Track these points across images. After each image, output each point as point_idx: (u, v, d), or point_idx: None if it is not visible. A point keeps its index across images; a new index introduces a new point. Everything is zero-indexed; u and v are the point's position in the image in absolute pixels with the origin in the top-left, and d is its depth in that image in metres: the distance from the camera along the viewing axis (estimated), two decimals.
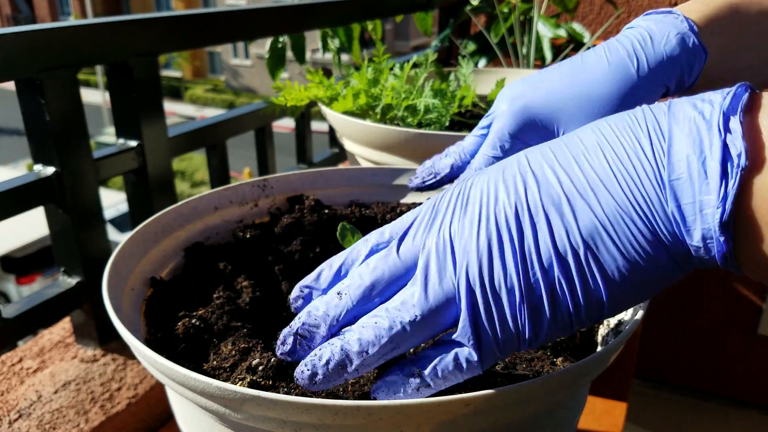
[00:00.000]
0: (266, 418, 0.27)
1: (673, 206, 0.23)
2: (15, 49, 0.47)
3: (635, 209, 0.23)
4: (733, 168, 0.21)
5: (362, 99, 0.61)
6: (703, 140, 0.22)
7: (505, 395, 0.26)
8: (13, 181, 0.50)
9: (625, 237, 0.23)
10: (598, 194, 0.24)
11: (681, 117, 0.23)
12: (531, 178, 0.25)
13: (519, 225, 0.24)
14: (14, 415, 0.51)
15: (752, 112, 0.22)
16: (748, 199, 0.21)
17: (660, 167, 0.23)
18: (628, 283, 0.24)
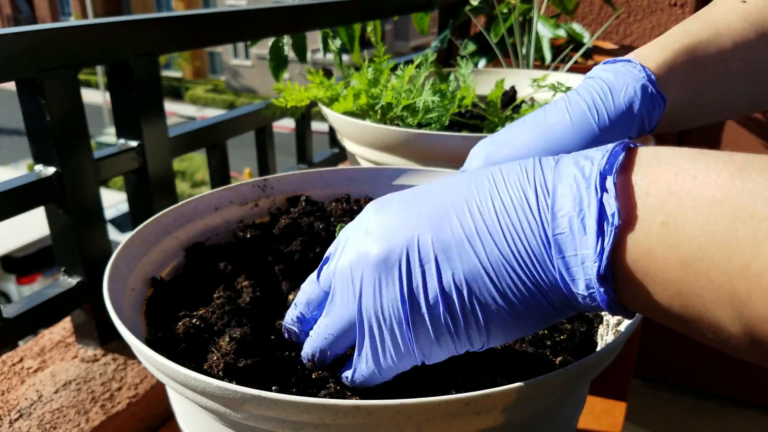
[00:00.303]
0: (266, 418, 0.27)
1: (558, 258, 0.24)
2: (16, 49, 0.47)
3: (517, 260, 0.25)
4: (608, 226, 0.23)
5: (362, 99, 0.61)
6: (582, 199, 0.24)
7: (504, 395, 0.26)
8: (13, 181, 0.51)
9: (506, 284, 0.25)
10: (484, 242, 0.26)
11: (564, 174, 0.25)
12: (426, 224, 0.27)
13: (409, 265, 0.27)
14: (15, 414, 0.51)
15: (627, 171, 0.24)
16: (623, 254, 0.23)
17: (545, 222, 0.24)
18: (508, 322, 0.26)
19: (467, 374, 0.33)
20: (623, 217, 0.23)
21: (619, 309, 0.24)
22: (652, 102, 0.39)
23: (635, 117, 0.39)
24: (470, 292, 0.26)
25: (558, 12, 1.06)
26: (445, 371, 0.33)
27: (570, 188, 0.24)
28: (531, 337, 0.37)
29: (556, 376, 0.27)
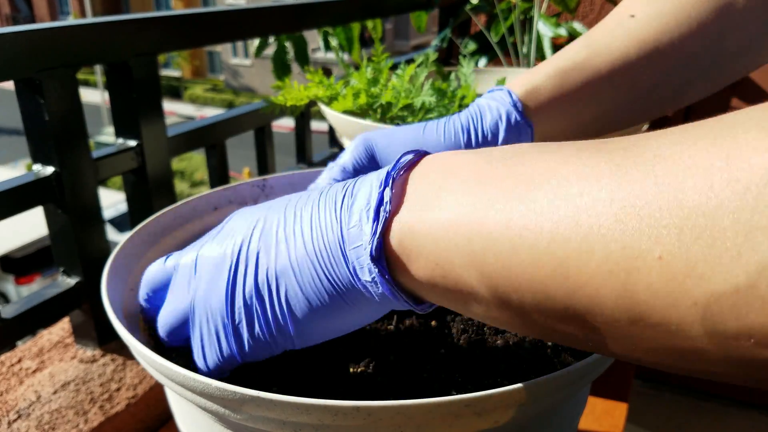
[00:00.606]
0: (266, 419, 0.27)
1: (349, 251, 0.26)
2: (14, 48, 0.47)
3: (318, 257, 0.27)
4: (383, 212, 0.25)
5: (362, 98, 0.61)
6: (372, 194, 0.26)
7: (505, 396, 0.26)
8: (12, 181, 0.50)
9: (307, 280, 0.27)
10: (296, 242, 0.28)
11: (369, 178, 0.28)
12: (259, 226, 0.30)
13: (237, 263, 0.29)
14: (13, 415, 0.50)
15: (413, 167, 0.27)
16: (389, 236, 0.25)
17: (343, 220, 0.27)
18: (312, 320, 0.28)
19: (468, 375, 0.33)
20: (395, 202, 0.25)
21: (398, 291, 0.26)
22: (518, 129, 0.42)
23: (498, 141, 0.42)
24: (278, 288, 0.28)
25: (559, 11, 1.06)
26: (446, 372, 0.33)
27: (367, 188, 0.27)
28: (532, 338, 0.37)
29: (558, 377, 0.27)
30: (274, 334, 0.29)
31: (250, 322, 0.29)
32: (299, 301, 0.28)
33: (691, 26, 0.41)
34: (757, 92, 1.12)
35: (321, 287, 0.27)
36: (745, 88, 1.13)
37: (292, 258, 0.28)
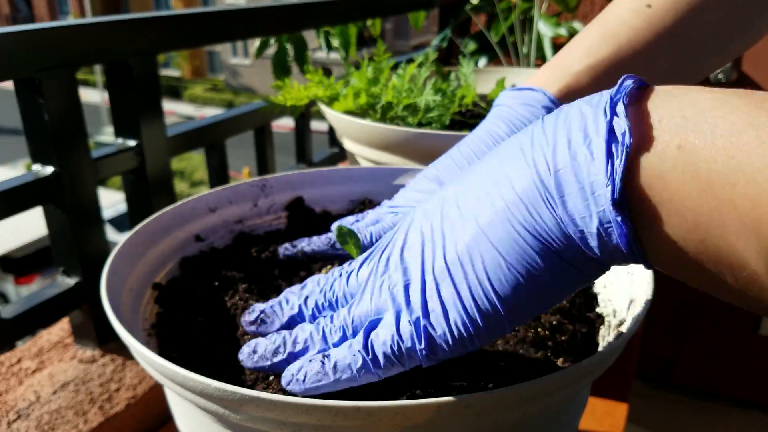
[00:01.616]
0: (265, 419, 0.26)
1: (558, 200, 0.22)
2: (13, 48, 0.46)
3: (514, 213, 0.23)
4: (618, 147, 0.21)
5: (363, 98, 0.61)
6: (588, 126, 0.22)
7: (505, 396, 0.26)
8: (11, 181, 0.50)
9: (508, 241, 0.23)
10: (482, 207, 0.24)
11: (566, 112, 0.23)
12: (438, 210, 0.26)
13: (423, 246, 0.26)
14: (13, 415, 0.50)
15: (639, 100, 0.22)
16: (637, 179, 0.21)
17: (539, 166, 0.22)
18: (522, 288, 0.23)
19: (468, 375, 0.33)
20: (635, 139, 0.21)
21: (637, 249, 0.22)
22: None
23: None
24: (471, 260, 0.24)
25: (559, 10, 1.06)
26: (445, 372, 0.33)
27: (576, 121, 0.22)
28: (532, 338, 0.37)
29: (558, 377, 0.27)
30: (476, 316, 0.24)
31: (443, 310, 0.25)
32: (503, 270, 0.23)
33: (706, 11, 0.41)
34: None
35: (527, 247, 0.23)
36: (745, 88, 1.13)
37: (481, 223, 0.24)
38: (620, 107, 0.21)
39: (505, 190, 0.23)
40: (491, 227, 0.24)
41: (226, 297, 0.40)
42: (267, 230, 0.51)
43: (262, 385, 0.31)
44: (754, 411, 1.27)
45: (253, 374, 0.32)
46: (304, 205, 0.52)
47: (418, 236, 0.26)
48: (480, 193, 0.25)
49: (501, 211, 0.23)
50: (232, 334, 0.36)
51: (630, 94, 0.22)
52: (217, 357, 0.34)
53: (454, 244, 0.25)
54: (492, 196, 0.24)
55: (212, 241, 0.48)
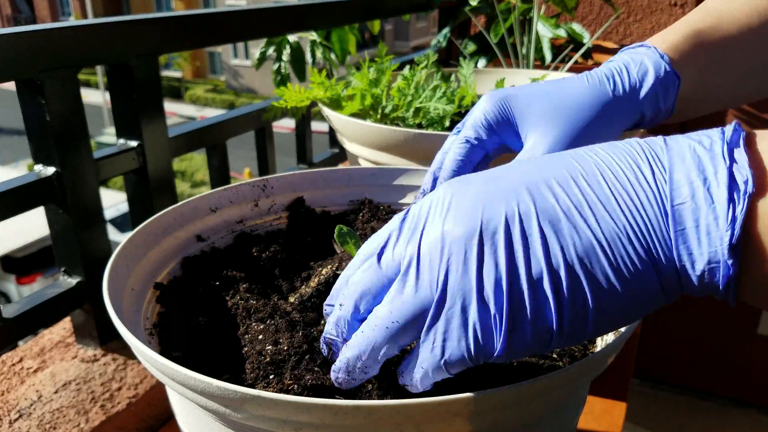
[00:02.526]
0: (266, 418, 0.27)
1: (673, 231, 0.23)
2: (15, 49, 0.47)
3: (634, 231, 0.23)
4: (740, 194, 0.21)
5: (368, 100, 0.61)
6: (706, 168, 0.22)
7: (504, 395, 0.26)
8: (13, 181, 0.51)
9: (621, 258, 0.23)
10: (596, 214, 0.24)
11: (679, 148, 0.24)
12: (525, 193, 0.25)
13: (509, 239, 0.24)
14: (15, 414, 0.51)
15: (751, 145, 0.23)
16: (754, 224, 0.21)
17: (662, 193, 0.23)
18: (615, 305, 0.24)
19: (467, 374, 0.33)
20: (756, 184, 0.21)
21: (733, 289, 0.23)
22: (667, 79, 0.41)
23: (650, 91, 0.40)
24: (583, 268, 0.23)
25: (558, 12, 1.06)
26: None
27: (691, 160, 0.23)
28: None
29: (557, 376, 0.27)
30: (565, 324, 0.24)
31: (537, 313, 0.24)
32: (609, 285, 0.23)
33: None
34: None
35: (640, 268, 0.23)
36: None
37: (597, 233, 0.23)
38: (739, 154, 0.22)
39: (627, 208, 0.23)
40: (610, 242, 0.23)
41: (227, 297, 0.40)
42: (268, 230, 0.51)
43: (263, 384, 0.31)
44: (751, 410, 1.27)
45: (254, 373, 0.32)
46: (305, 206, 0.52)
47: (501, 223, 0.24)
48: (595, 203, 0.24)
49: (624, 228, 0.23)
50: (233, 333, 0.37)
51: (743, 139, 0.23)
52: (219, 356, 0.34)
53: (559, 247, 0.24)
54: (611, 209, 0.24)
55: (213, 241, 0.48)
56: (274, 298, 0.40)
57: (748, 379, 1.27)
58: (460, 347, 0.25)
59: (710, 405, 1.29)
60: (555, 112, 0.39)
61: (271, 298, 0.40)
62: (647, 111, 0.41)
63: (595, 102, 0.39)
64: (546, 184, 0.25)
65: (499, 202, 0.25)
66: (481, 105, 0.41)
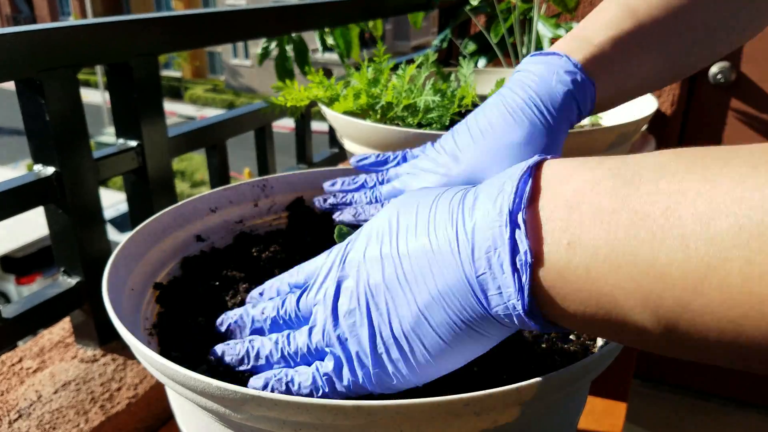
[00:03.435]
0: (266, 418, 0.27)
1: (481, 296, 0.26)
2: (15, 49, 0.47)
3: (447, 304, 0.26)
4: (522, 264, 0.24)
5: (363, 99, 0.61)
6: (496, 238, 0.25)
7: (504, 395, 0.26)
8: (12, 181, 0.51)
9: (443, 322, 0.27)
10: (420, 289, 0.27)
11: (481, 212, 0.26)
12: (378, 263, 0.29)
13: (368, 311, 0.29)
14: (14, 415, 0.51)
15: (534, 200, 0.25)
16: (539, 284, 0.24)
17: (465, 267, 0.26)
18: (453, 352, 0.28)
19: (466, 374, 0.33)
20: (534, 251, 0.24)
21: (554, 328, 0.26)
22: (582, 88, 0.41)
23: (572, 104, 0.40)
24: (415, 334, 0.28)
25: (558, 11, 1.06)
26: None
27: (487, 229, 0.25)
28: (531, 338, 0.37)
29: (557, 376, 0.27)
30: (417, 372, 0.28)
31: (393, 365, 0.28)
32: (439, 343, 0.27)
33: None
34: (755, 93, 1.12)
35: (460, 326, 0.27)
36: (745, 89, 1.13)
37: (420, 306, 0.27)
38: (520, 219, 0.24)
39: (439, 281, 0.27)
40: (429, 311, 0.27)
41: (227, 296, 0.40)
42: (267, 230, 0.51)
43: None
44: (752, 410, 1.27)
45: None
46: (305, 206, 0.52)
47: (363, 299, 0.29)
48: (417, 272, 0.28)
49: (437, 298, 0.27)
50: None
51: (527, 199, 0.24)
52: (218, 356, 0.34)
53: (398, 321, 0.28)
54: (428, 281, 0.27)
55: (213, 241, 0.48)
56: None
57: (748, 379, 1.27)
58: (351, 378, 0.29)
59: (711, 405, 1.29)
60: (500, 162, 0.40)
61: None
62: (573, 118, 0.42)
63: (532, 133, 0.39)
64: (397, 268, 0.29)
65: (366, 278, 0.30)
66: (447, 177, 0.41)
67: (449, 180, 0.40)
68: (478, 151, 0.40)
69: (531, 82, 0.40)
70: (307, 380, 0.30)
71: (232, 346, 0.33)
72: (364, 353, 0.29)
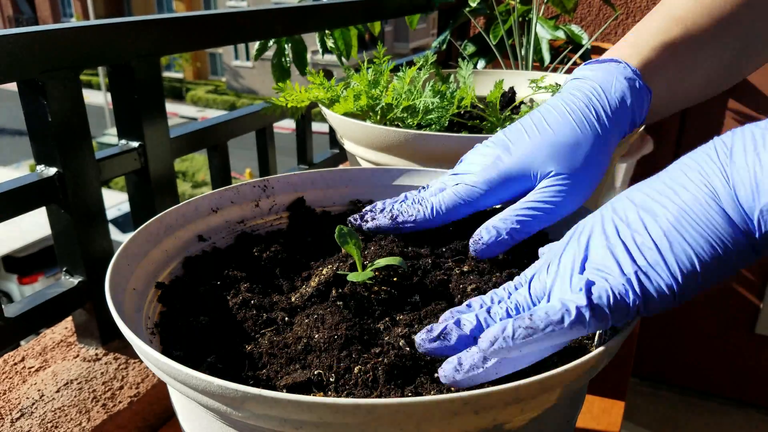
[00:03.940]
0: (267, 417, 0.27)
1: (735, 190, 0.28)
2: (17, 50, 0.47)
3: (706, 196, 0.29)
4: None
5: (363, 100, 0.62)
6: (756, 140, 0.28)
7: (503, 393, 0.26)
8: (15, 181, 0.51)
9: (704, 215, 0.29)
10: (678, 192, 0.30)
11: (740, 131, 0.30)
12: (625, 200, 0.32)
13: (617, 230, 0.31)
14: (16, 413, 0.51)
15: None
16: None
17: (724, 164, 0.29)
18: (712, 256, 0.29)
19: None
20: None
21: None
22: (641, 95, 0.42)
23: (627, 110, 0.42)
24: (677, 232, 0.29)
25: (557, 13, 1.06)
26: None
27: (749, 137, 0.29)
28: None
29: (555, 375, 0.27)
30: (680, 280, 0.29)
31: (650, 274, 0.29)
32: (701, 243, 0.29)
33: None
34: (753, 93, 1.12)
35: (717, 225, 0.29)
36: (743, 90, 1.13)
37: (682, 205, 0.29)
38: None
39: (699, 180, 0.30)
40: (691, 206, 0.29)
41: (229, 296, 0.41)
42: (268, 230, 0.51)
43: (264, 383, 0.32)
44: (749, 409, 1.28)
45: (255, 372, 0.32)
46: (306, 206, 0.53)
47: (611, 226, 0.31)
48: (677, 186, 0.30)
49: (697, 193, 0.30)
50: (235, 332, 0.37)
51: None
52: (220, 355, 0.35)
53: (656, 223, 0.30)
54: (687, 185, 0.30)
55: (215, 241, 0.48)
56: (274, 298, 0.41)
57: (746, 378, 1.27)
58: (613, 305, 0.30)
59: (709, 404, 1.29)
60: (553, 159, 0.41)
61: (272, 298, 0.41)
62: (626, 129, 0.43)
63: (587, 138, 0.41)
64: (648, 195, 0.31)
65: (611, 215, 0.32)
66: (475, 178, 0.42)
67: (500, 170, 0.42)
68: (531, 145, 0.41)
69: (590, 87, 0.42)
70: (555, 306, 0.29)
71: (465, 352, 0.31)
72: (622, 263, 0.30)
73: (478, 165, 0.43)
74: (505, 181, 0.42)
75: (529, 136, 0.42)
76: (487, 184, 0.42)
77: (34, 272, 7.23)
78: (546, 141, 0.41)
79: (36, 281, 7.19)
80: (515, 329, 0.29)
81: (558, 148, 0.40)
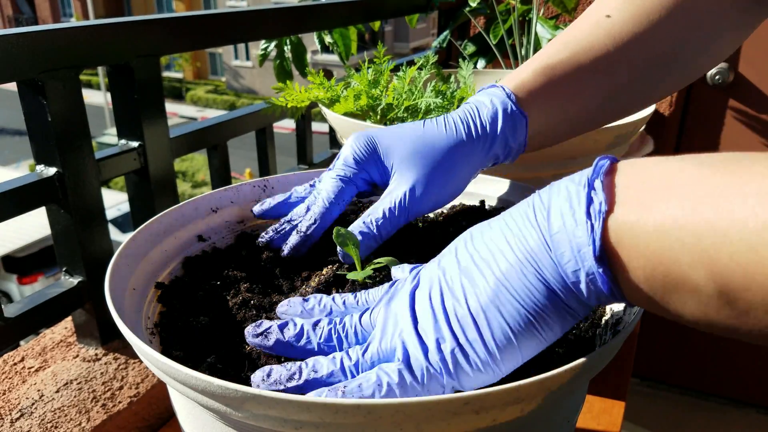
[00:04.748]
0: (267, 417, 0.27)
1: (556, 257, 0.27)
2: (17, 50, 0.47)
3: (525, 266, 0.28)
4: (596, 213, 0.26)
5: (363, 100, 0.62)
6: (572, 198, 0.27)
7: (503, 394, 0.26)
8: (15, 181, 0.51)
9: (522, 289, 0.28)
10: (498, 261, 0.29)
11: (557, 187, 0.29)
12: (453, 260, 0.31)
13: (442, 298, 0.30)
14: (16, 414, 0.51)
15: (611, 174, 0.27)
16: (611, 236, 0.26)
17: (542, 229, 0.28)
18: (532, 330, 0.28)
19: None
20: (608, 204, 0.26)
21: (617, 291, 0.26)
22: (513, 118, 0.44)
23: (497, 131, 0.43)
24: (494, 306, 0.28)
25: (558, 13, 1.06)
26: None
27: (565, 194, 0.27)
28: None
29: (555, 375, 0.27)
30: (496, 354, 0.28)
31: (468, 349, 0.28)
32: (519, 316, 0.28)
33: (661, 26, 0.45)
34: (753, 94, 1.12)
35: (538, 294, 0.28)
36: (743, 90, 1.13)
37: (498, 274, 0.28)
38: (597, 183, 0.27)
39: (516, 248, 0.28)
40: (509, 278, 0.28)
41: (228, 296, 0.41)
42: None
43: None
44: (750, 410, 1.28)
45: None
46: None
47: (437, 292, 0.30)
48: (495, 250, 0.29)
49: (515, 263, 0.28)
50: (234, 332, 0.37)
51: (603, 171, 0.27)
52: (220, 355, 0.35)
53: (475, 296, 0.29)
54: (506, 252, 0.29)
55: (214, 241, 0.48)
56: (274, 298, 0.41)
57: (747, 378, 1.27)
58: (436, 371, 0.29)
59: (709, 405, 1.29)
60: (413, 156, 0.43)
61: (272, 298, 0.41)
62: (498, 149, 0.45)
63: (448, 146, 0.43)
64: (470, 256, 0.30)
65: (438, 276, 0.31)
66: (349, 143, 0.45)
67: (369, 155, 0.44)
68: (406, 130, 0.44)
69: (470, 108, 0.44)
70: (370, 380, 0.29)
71: (282, 365, 0.31)
72: (441, 337, 0.29)
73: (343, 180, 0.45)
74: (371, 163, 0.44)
75: (403, 132, 0.44)
76: (358, 166, 0.44)
77: (33, 272, 7.23)
78: (417, 144, 0.43)
79: (36, 281, 7.20)
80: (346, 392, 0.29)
81: (418, 147, 0.43)
